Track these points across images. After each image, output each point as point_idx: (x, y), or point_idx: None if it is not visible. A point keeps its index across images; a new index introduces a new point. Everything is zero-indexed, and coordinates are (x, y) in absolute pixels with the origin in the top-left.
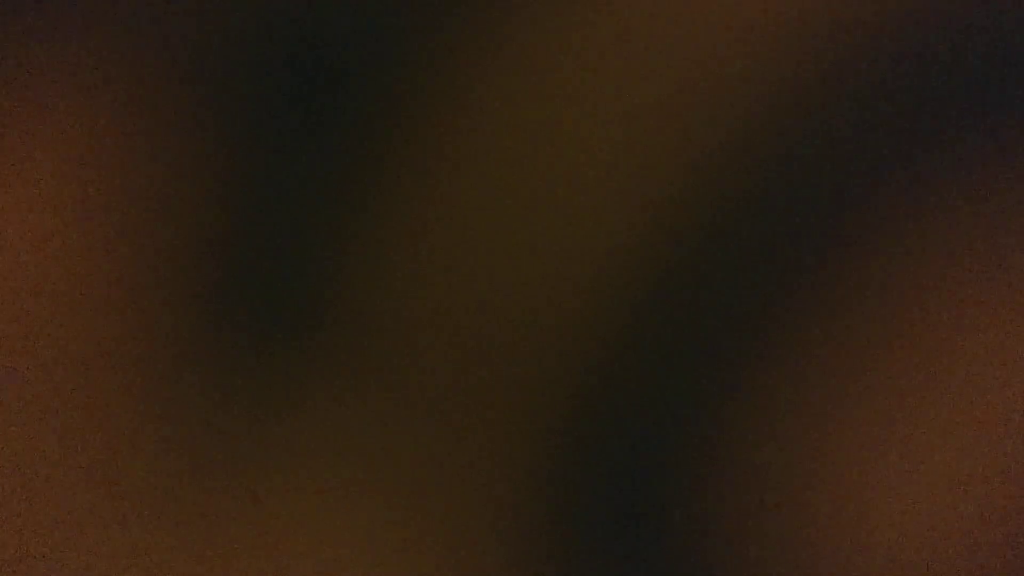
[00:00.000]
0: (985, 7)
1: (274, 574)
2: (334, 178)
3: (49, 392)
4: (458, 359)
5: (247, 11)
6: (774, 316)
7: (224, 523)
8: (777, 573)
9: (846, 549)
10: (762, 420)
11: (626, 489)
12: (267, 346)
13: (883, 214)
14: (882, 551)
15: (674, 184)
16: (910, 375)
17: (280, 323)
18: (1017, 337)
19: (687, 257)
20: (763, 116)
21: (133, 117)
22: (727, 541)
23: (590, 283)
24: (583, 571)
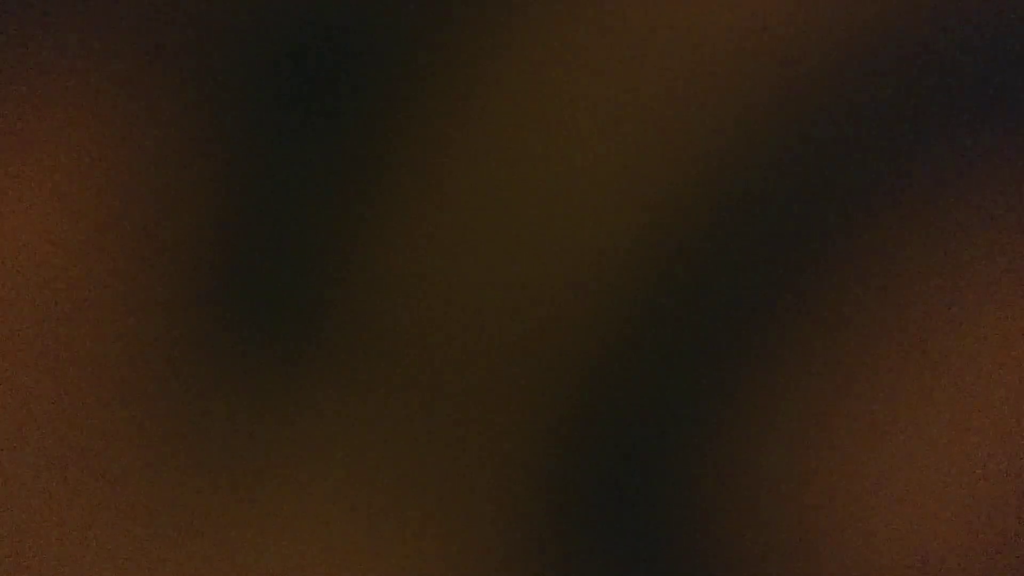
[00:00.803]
0: (985, 7)
1: (273, 574)
2: (334, 178)
3: (48, 392)
4: (458, 359)
5: (247, 11)
6: (774, 316)
7: (224, 523)
8: (777, 573)
9: (846, 549)
10: (762, 420)
11: (626, 489)
12: (267, 346)
13: (883, 214)
14: (882, 551)
15: (674, 184)
16: (910, 375)
17: (281, 323)
18: (1017, 336)
19: (687, 257)
20: (763, 116)
21: (133, 117)
22: (727, 541)
23: (590, 283)
24: (583, 571)
